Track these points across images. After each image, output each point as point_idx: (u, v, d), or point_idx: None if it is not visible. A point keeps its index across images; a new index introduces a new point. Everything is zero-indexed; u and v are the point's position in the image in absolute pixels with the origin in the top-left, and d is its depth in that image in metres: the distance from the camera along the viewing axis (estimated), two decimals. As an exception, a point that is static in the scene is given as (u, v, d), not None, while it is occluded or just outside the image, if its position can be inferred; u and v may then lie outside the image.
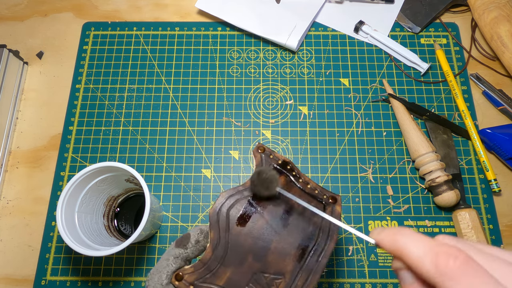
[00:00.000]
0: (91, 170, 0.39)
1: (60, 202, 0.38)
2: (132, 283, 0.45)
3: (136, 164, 0.50)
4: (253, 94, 0.53)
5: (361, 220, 0.47)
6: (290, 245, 0.32)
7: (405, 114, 0.50)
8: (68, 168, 0.50)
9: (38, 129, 0.52)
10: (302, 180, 0.35)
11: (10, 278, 0.46)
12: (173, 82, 0.54)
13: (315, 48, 0.55)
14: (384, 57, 0.55)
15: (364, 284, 0.44)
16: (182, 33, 0.57)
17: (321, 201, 0.34)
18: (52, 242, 0.47)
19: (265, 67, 0.55)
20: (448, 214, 0.47)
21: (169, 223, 0.47)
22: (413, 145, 0.47)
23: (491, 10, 0.52)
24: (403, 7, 0.57)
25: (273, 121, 0.52)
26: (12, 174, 0.50)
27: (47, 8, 0.59)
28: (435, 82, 0.53)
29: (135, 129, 0.52)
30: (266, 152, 0.35)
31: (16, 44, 0.57)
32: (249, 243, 0.31)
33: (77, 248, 0.36)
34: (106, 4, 0.59)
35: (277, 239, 0.32)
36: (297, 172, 0.35)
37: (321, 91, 0.53)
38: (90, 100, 0.53)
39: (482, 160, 0.48)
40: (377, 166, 0.49)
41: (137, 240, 0.38)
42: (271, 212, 0.33)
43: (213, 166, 0.50)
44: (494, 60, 0.54)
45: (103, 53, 0.56)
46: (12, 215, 0.48)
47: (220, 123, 0.52)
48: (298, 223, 0.33)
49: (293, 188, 0.34)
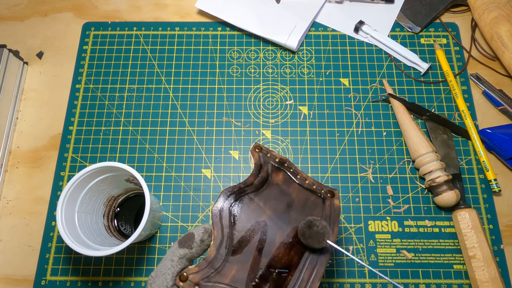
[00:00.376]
0: (91, 170, 0.39)
1: (60, 202, 0.38)
2: (132, 283, 0.45)
3: (136, 164, 0.50)
4: (253, 94, 0.53)
5: (361, 220, 0.47)
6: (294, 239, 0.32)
7: (405, 114, 0.50)
8: (68, 168, 0.50)
9: (38, 129, 0.52)
10: (299, 176, 0.35)
11: (10, 278, 0.46)
12: (173, 82, 0.54)
13: (315, 48, 0.55)
14: (384, 57, 0.55)
15: (364, 284, 0.44)
16: (182, 33, 0.57)
17: (320, 195, 0.34)
18: (52, 242, 0.47)
19: (265, 67, 0.55)
20: (448, 214, 0.47)
21: (169, 223, 0.47)
22: (413, 145, 0.47)
23: (491, 10, 0.52)
24: (403, 7, 0.57)
25: (273, 121, 0.52)
26: (12, 174, 0.50)
27: (47, 8, 0.59)
28: (435, 82, 0.53)
29: (135, 129, 0.52)
30: (264, 151, 0.36)
31: (16, 44, 0.57)
32: (254, 238, 0.31)
33: (77, 248, 0.36)
34: (106, 4, 0.59)
35: (280, 233, 0.32)
36: (294, 169, 0.36)
37: (321, 91, 0.53)
38: (90, 100, 0.53)
39: (482, 160, 0.48)
40: (377, 166, 0.49)
41: (137, 240, 0.38)
42: (274, 207, 0.33)
43: (213, 166, 0.50)
44: (494, 60, 0.54)
45: (103, 53, 0.56)
46: (12, 215, 0.48)
47: (220, 123, 0.52)
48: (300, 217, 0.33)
49: (292, 184, 0.35)
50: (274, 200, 0.34)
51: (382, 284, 0.44)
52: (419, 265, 0.45)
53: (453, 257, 0.45)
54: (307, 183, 0.35)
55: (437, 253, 0.45)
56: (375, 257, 0.45)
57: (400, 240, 0.46)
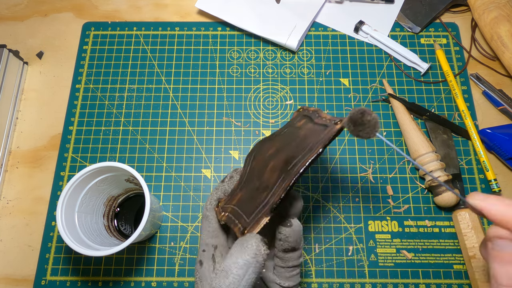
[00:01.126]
0: (91, 170, 0.39)
1: (60, 202, 0.38)
2: (132, 283, 0.45)
3: (136, 164, 0.50)
4: (253, 94, 0.53)
5: (361, 220, 0.47)
6: (280, 160, 0.32)
7: (405, 114, 0.50)
8: (68, 168, 0.50)
9: (38, 129, 0.52)
10: (318, 116, 0.34)
11: (10, 278, 0.46)
12: (173, 82, 0.54)
13: (315, 48, 0.55)
14: (384, 57, 0.55)
15: (364, 284, 0.44)
16: (182, 33, 0.57)
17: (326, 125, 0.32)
18: (52, 242, 0.47)
19: (265, 67, 0.55)
20: (448, 214, 0.47)
21: (169, 223, 0.47)
22: (413, 145, 0.47)
23: (491, 10, 0.52)
24: (403, 7, 0.57)
25: (273, 121, 0.52)
26: (12, 174, 0.50)
27: (47, 8, 0.59)
28: (435, 82, 0.53)
29: (135, 129, 0.52)
30: (302, 110, 0.37)
31: (16, 44, 0.57)
32: (257, 167, 0.35)
33: (77, 248, 0.36)
34: (106, 4, 0.59)
35: (274, 158, 0.33)
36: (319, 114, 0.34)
37: (321, 91, 0.53)
38: (90, 100, 0.53)
39: (482, 160, 0.48)
40: (377, 166, 0.49)
41: (137, 240, 0.38)
42: (281, 140, 0.35)
43: (213, 166, 0.50)
44: (494, 60, 0.54)
45: (103, 53, 0.56)
46: (12, 215, 0.48)
47: (220, 123, 0.52)
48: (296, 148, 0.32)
49: (308, 124, 0.34)
50: (285, 136, 0.35)
51: (382, 284, 0.44)
52: (419, 265, 0.45)
53: (453, 257, 0.45)
54: (323, 119, 0.33)
55: (437, 253, 0.45)
56: (375, 257, 0.45)
57: (400, 240, 0.46)
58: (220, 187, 0.37)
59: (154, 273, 0.45)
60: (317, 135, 0.31)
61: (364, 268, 0.45)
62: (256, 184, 0.33)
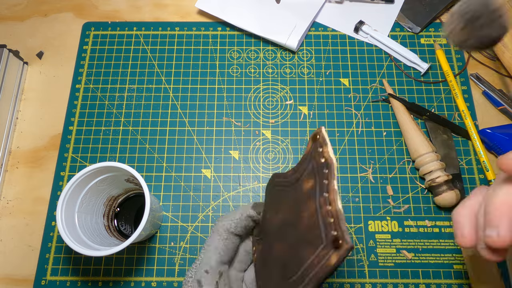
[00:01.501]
0: (91, 170, 0.39)
1: (60, 202, 0.38)
2: (132, 283, 0.45)
3: (136, 164, 0.50)
4: (253, 94, 0.53)
5: (361, 220, 0.47)
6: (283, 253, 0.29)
7: (405, 114, 0.50)
8: (68, 168, 0.50)
9: (38, 129, 0.52)
10: (325, 195, 0.25)
11: (10, 278, 0.46)
12: (173, 82, 0.54)
13: (315, 48, 0.55)
14: (384, 57, 0.55)
15: (364, 284, 0.44)
16: (182, 33, 0.57)
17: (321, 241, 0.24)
18: (52, 242, 0.47)
19: (265, 67, 0.55)
20: (448, 214, 0.47)
21: (169, 223, 0.47)
22: (413, 145, 0.47)
23: (491, 10, 0.52)
24: (403, 7, 0.57)
25: (273, 121, 0.52)
26: (12, 174, 0.50)
27: (47, 8, 0.59)
28: (435, 82, 0.53)
29: (135, 129, 0.52)
30: (317, 142, 0.27)
31: (16, 44, 0.57)
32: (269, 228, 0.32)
33: (77, 248, 0.36)
34: (106, 4, 0.59)
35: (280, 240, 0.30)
36: (328, 182, 0.25)
37: (321, 91, 0.53)
38: (90, 100, 0.53)
39: (482, 160, 0.48)
40: (377, 166, 0.49)
41: (137, 240, 0.38)
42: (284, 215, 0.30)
43: (213, 166, 0.50)
44: (494, 60, 0.54)
45: (103, 53, 0.56)
46: (12, 215, 0.48)
47: (220, 123, 0.52)
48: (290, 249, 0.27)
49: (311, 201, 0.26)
50: (288, 206, 0.28)
51: (382, 284, 0.44)
52: (419, 265, 0.45)
53: (453, 257, 0.45)
54: (327, 210, 0.24)
55: (437, 253, 0.45)
56: (375, 257, 0.45)
57: (400, 240, 0.46)
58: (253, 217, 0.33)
59: (154, 273, 0.45)
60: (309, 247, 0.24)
61: (364, 268, 0.45)
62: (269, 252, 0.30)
